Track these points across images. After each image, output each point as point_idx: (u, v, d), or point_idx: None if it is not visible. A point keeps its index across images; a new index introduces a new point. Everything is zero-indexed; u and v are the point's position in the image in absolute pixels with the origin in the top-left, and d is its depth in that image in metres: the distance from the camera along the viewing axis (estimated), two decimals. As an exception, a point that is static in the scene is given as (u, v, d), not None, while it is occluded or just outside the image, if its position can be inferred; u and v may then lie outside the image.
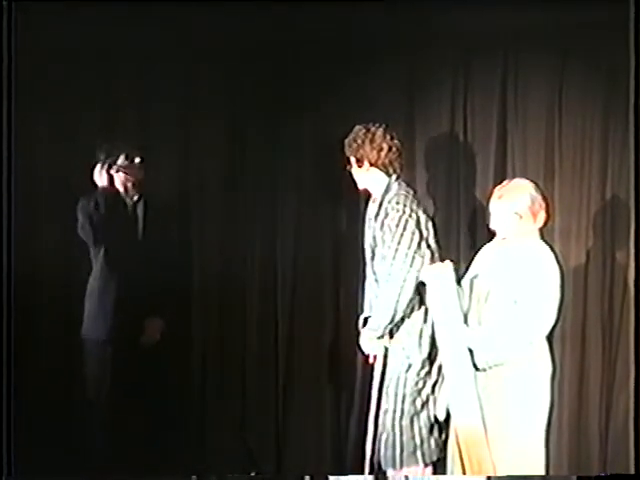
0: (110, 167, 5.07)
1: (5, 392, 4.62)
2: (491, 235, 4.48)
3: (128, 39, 5.33)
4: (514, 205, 4.32)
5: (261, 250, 5.67)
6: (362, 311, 4.75)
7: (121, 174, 5.09)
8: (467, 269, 4.50)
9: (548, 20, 5.17)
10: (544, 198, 4.39)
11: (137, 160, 5.11)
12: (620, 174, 5.23)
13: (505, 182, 4.48)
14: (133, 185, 5.13)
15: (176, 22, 5.26)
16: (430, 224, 4.55)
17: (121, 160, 5.08)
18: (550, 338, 4.35)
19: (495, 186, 4.50)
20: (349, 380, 5.49)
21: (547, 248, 4.35)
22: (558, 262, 4.32)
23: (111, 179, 5.08)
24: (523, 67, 5.40)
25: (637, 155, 4.73)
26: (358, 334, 4.64)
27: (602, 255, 5.29)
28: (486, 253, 4.50)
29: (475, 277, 4.41)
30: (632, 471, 4.61)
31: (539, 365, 4.30)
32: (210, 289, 5.66)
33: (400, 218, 4.45)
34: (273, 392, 5.66)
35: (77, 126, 5.45)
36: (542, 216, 4.37)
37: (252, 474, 5.29)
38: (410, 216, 4.46)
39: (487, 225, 4.46)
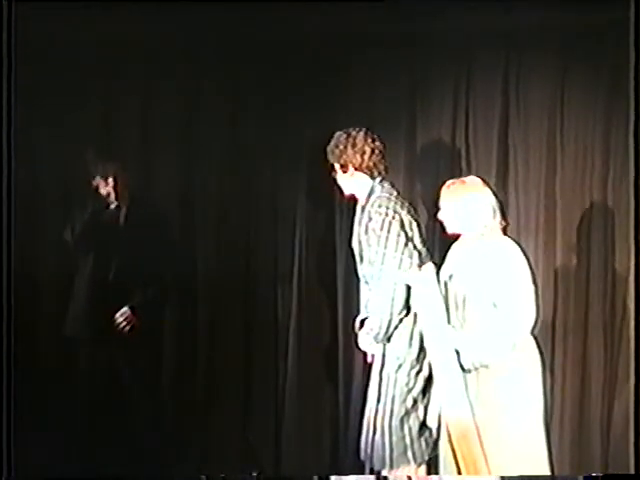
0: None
1: (5, 392, 4.63)
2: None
3: (127, 40, 5.34)
4: (464, 201, 4.31)
5: (263, 251, 5.67)
6: (358, 312, 4.75)
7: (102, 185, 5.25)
8: (439, 270, 4.46)
9: (549, 21, 5.19)
10: (496, 196, 4.38)
11: (110, 180, 5.22)
12: (621, 174, 5.24)
13: (461, 179, 4.48)
14: (115, 195, 5.25)
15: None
16: (414, 225, 4.51)
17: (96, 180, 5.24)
18: (534, 333, 4.32)
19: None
20: (350, 380, 5.50)
21: (512, 243, 4.33)
22: (525, 255, 4.30)
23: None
24: (525, 67, 5.42)
25: (637, 155, 4.73)
26: (357, 335, 4.64)
27: (603, 254, 5.29)
28: (455, 253, 4.47)
29: (449, 278, 4.37)
30: (632, 471, 4.62)
31: (528, 362, 4.29)
32: (212, 290, 5.66)
33: (384, 221, 4.40)
34: (274, 392, 5.66)
35: (77, 128, 5.46)
36: (497, 214, 4.35)
37: (253, 474, 5.29)
38: (393, 218, 4.41)
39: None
